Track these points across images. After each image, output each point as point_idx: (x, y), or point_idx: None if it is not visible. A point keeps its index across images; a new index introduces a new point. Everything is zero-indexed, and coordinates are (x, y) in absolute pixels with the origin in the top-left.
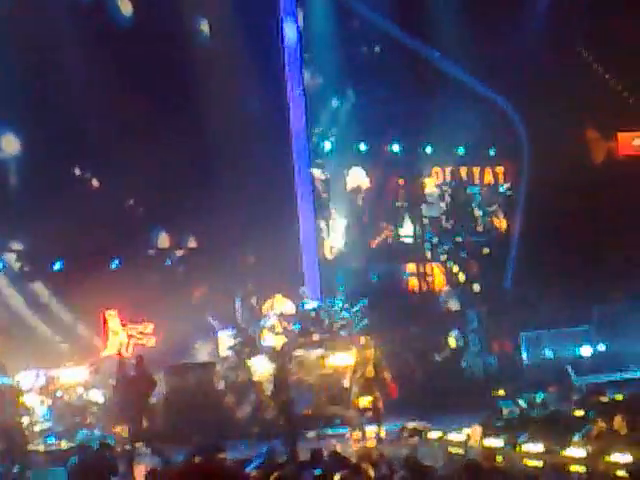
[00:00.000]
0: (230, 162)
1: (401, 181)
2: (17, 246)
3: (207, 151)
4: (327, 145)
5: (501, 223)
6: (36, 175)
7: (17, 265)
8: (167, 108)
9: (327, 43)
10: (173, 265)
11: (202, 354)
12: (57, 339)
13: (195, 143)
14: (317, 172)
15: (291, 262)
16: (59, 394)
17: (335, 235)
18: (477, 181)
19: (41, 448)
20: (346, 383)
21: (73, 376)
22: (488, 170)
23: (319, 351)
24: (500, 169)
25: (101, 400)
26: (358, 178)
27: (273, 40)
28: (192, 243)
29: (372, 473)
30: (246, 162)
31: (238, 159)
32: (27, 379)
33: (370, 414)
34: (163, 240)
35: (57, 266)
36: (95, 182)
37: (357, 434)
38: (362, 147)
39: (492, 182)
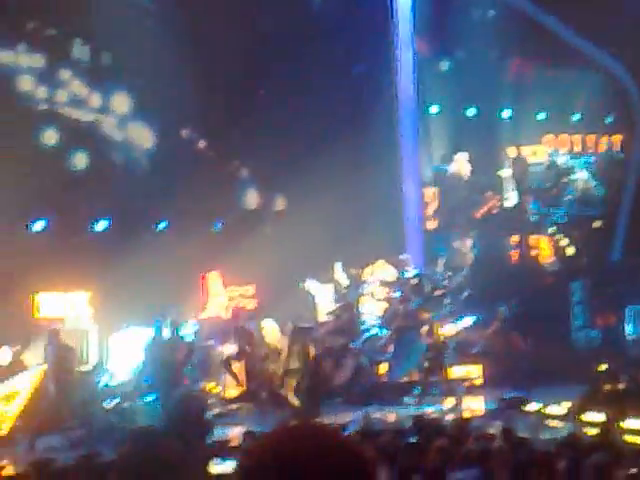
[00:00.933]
0: (335, 125)
1: (510, 149)
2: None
3: (311, 113)
4: (434, 109)
5: (613, 193)
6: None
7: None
8: (274, 70)
9: (440, 5)
10: (273, 227)
11: (300, 318)
12: (159, 299)
13: (301, 106)
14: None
15: (393, 229)
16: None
17: (437, 204)
18: (590, 150)
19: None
20: (444, 352)
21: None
22: (603, 138)
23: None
24: (616, 137)
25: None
26: (462, 164)
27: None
28: (284, 204)
29: (469, 443)
30: (352, 126)
31: (343, 123)
32: (129, 337)
33: (467, 384)
34: (259, 202)
35: (161, 225)
36: (202, 143)
37: (454, 403)
38: (470, 112)
39: (607, 151)
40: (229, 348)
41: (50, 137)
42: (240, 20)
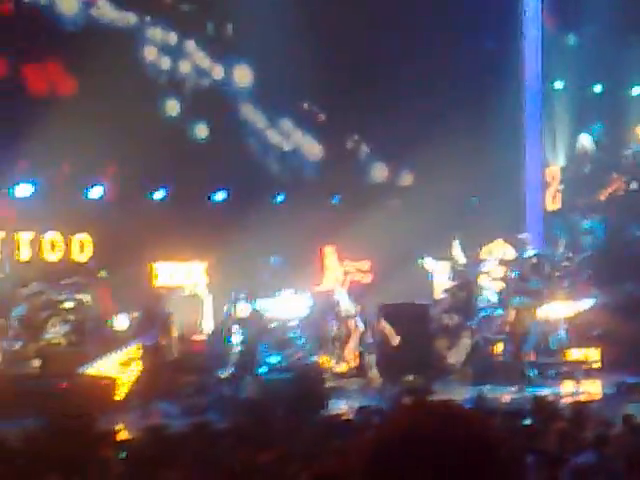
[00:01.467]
0: (461, 101)
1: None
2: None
3: (437, 88)
4: (558, 85)
5: None
6: (266, 108)
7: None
8: (399, 43)
9: None
10: (390, 201)
11: (416, 295)
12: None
13: (427, 80)
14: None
15: (513, 208)
16: (274, 325)
17: (559, 184)
18: None
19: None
20: (562, 334)
21: (291, 310)
22: None
23: (537, 300)
24: None
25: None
26: (586, 144)
27: None
28: (409, 180)
29: (588, 428)
30: (477, 102)
31: (468, 98)
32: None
33: (585, 367)
34: (382, 176)
35: (279, 198)
36: (322, 116)
37: (572, 386)
38: (597, 89)
39: None
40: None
41: (172, 107)
42: None
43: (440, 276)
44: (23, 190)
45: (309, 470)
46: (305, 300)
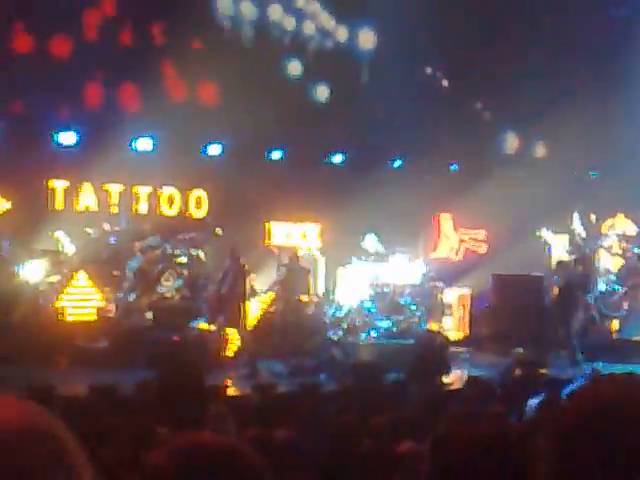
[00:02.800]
0: (588, 70)
1: None
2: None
3: (565, 56)
4: None
5: None
6: (387, 71)
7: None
8: (526, 10)
9: None
10: (515, 172)
11: (531, 267)
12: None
13: (555, 48)
14: None
15: (637, 183)
16: (386, 290)
17: None
18: None
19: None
20: None
21: (404, 276)
22: None
23: None
24: None
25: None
26: None
27: None
28: (541, 151)
29: None
30: (605, 71)
31: (596, 67)
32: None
33: None
34: (511, 145)
35: (397, 163)
36: (445, 82)
37: None
38: None
39: None
40: (456, 291)
41: (294, 68)
42: None
43: (558, 249)
44: (143, 144)
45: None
46: (419, 267)
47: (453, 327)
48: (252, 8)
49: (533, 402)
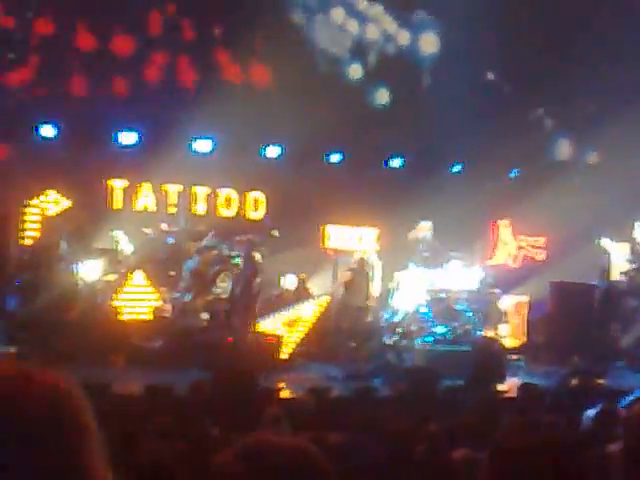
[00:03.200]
0: None
1: None
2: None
3: (629, 63)
4: None
5: None
6: (450, 77)
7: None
8: (588, 18)
9: None
10: (572, 179)
11: (591, 276)
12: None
13: (618, 55)
14: None
15: None
16: (442, 296)
17: None
18: None
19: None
20: None
21: (460, 282)
22: None
23: None
24: None
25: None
26: None
27: None
28: (594, 158)
29: None
30: None
31: None
32: (414, 276)
33: None
34: (565, 152)
35: (456, 168)
36: (507, 88)
37: None
38: None
39: None
40: (513, 298)
41: (355, 71)
42: None
43: (618, 258)
44: (202, 145)
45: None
46: (476, 272)
47: (509, 334)
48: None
49: (590, 412)
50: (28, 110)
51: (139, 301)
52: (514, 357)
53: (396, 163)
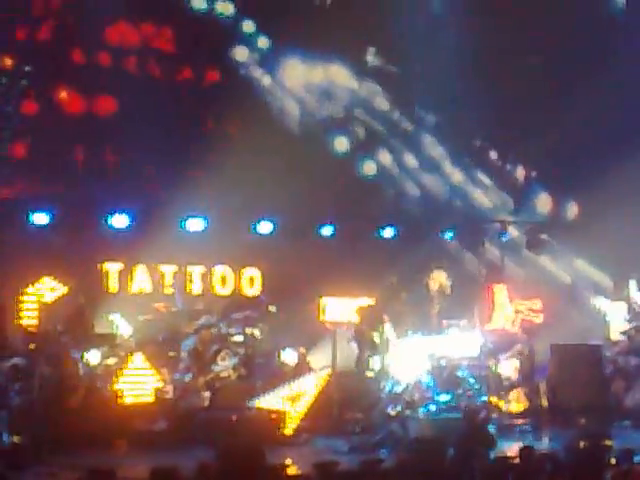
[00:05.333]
0: (634, 125)
1: None
2: None
3: (607, 114)
4: None
5: None
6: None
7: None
8: (570, 74)
9: None
10: (563, 237)
11: (589, 336)
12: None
13: (595, 107)
14: None
15: None
16: (443, 364)
17: None
18: None
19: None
20: None
21: (461, 348)
22: None
23: None
24: None
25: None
26: None
27: None
28: (574, 212)
29: None
30: None
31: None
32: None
33: None
34: (546, 207)
35: (448, 234)
36: (493, 154)
37: None
38: None
39: None
40: (513, 361)
41: (341, 144)
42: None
43: (615, 317)
44: (194, 224)
45: None
46: (475, 338)
47: (513, 399)
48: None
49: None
50: (21, 200)
51: (140, 384)
52: (519, 422)
53: (388, 233)
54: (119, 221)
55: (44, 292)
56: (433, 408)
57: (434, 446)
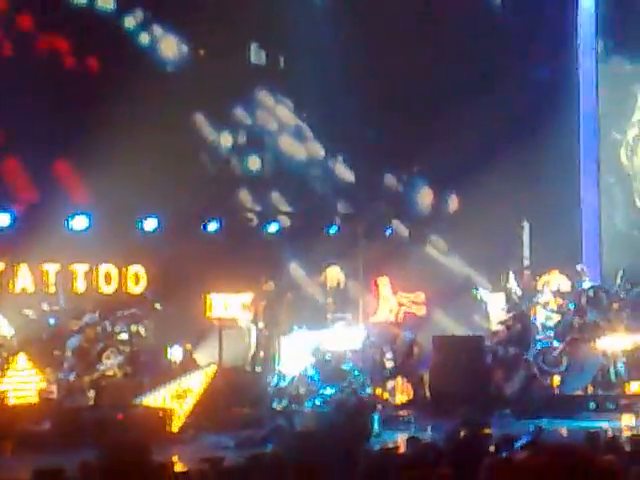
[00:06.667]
0: (513, 129)
1: None
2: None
3: (488, 116)
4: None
5: None
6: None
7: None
8: (452, 71)
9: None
10: (446, 231)
11: (470, 327)
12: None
13: (477, 107)
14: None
15: (569, 238)
16: (328, 357)
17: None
18: None
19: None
20: (620, 367)
21: (345, 341)
22: None
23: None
24: None
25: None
26: None
27: (567, 4)
28: (464, 207)
29: None
30: (530, 130)
31: (521, 127)
32: (299, 339)
33: None
34: (428, 201)
35: (332, 230)
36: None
37: (631, 420)
38: None
39: None
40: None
41: (227, 140)
42: (413, 22)
43: (495, 308)
44: (78, 222)
45: None
46: (359, 331)
47: (398, 390)
48: None
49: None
50: None
51: (24, 384)
52: (403, 412)
53: (273, 228)
54: (1, 220)
55: None
56: (318, 402)
57: (317, 439)
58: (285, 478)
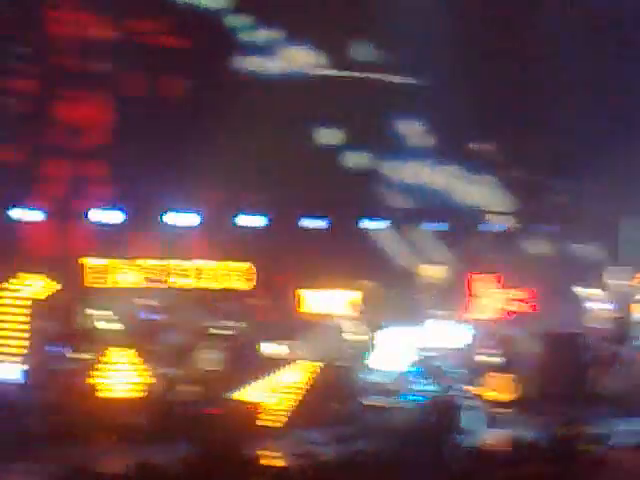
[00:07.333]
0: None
1: None
2: None
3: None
4: None
5: None
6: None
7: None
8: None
9: None
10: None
11: (573, 324)
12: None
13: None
14: None
15: None
16: (428, 354)
17: None
18: None
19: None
20: None
21: (443, 338)
22: None
23: None
24: None
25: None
26: None
27: None
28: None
29: None
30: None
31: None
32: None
33: None
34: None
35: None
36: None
37: None
38: None
39: None
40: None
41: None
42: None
43: (595, 304)
44: (186, 220)
45: None
46: (460, 328)
47: (497, 389)
48: None
49: None
50: None
51: (130, 378)
52: (502, 410)
53: (375, 225)
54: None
55: None
56: (411, 398)
57: (406, 436)
58: (379, 474)
